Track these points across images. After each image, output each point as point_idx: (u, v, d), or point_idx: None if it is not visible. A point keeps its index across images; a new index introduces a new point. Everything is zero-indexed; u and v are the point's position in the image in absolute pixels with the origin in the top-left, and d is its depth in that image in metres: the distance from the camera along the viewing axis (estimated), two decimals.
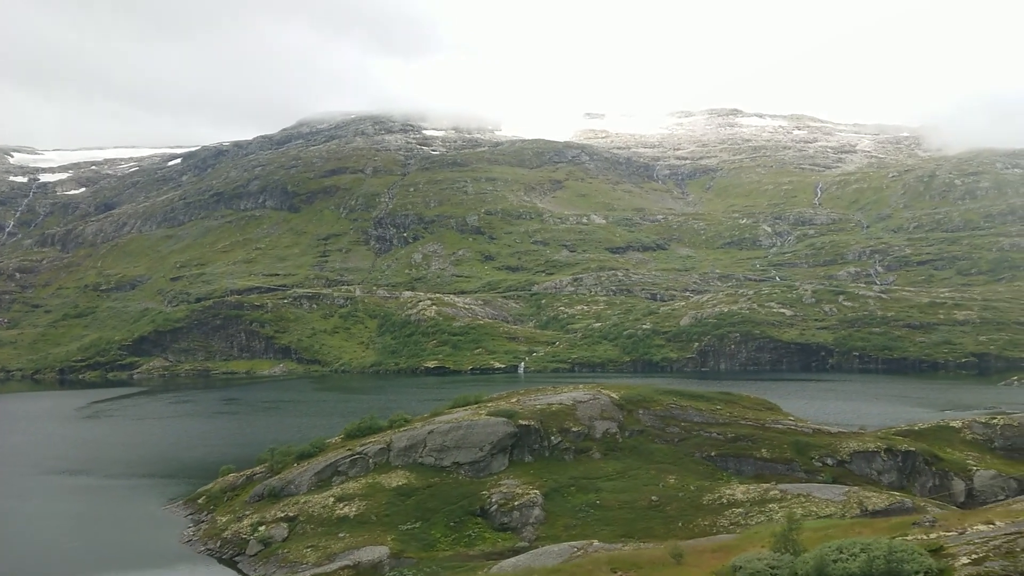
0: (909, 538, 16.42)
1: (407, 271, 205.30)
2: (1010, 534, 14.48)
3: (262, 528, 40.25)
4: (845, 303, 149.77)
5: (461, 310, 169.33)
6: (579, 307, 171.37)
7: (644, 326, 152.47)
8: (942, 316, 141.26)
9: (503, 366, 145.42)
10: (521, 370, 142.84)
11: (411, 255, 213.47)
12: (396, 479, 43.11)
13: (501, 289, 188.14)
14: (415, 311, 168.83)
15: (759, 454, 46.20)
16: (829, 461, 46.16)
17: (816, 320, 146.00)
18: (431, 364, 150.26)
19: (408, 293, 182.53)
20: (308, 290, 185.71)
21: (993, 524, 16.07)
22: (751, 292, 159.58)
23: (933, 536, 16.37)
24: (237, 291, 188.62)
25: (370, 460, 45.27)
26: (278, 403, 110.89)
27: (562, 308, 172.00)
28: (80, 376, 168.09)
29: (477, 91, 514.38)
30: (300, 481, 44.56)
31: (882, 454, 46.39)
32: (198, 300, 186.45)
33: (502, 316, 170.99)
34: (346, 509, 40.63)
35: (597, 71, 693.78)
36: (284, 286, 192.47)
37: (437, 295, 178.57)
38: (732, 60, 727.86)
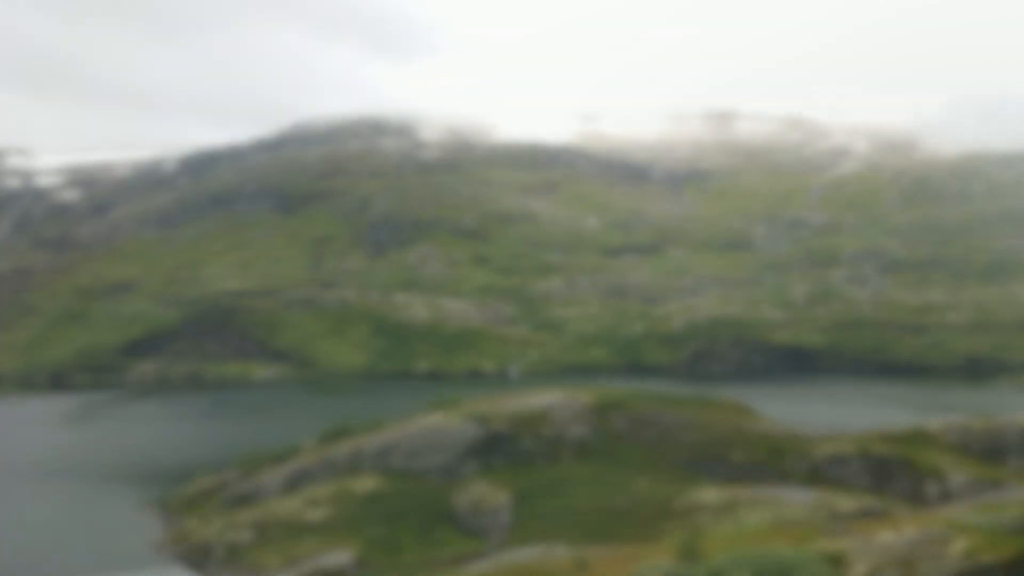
0: (818, 546, 16.37)
1: (401, 274, 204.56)
2: (913, 542, 14.43)
3: (229, 533, 40.08)
4: (838, 306, 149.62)
5: (454, 313, 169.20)
6: (572, 310, 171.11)
7: (637, 329, 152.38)
8: (934, 319, 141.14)
9: (495, 369, 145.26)
10: (513, 373, 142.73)
11: (405, 258, 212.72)
12: (366, 483, 42.94)
13: (495, 292, 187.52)
14: (408, 314, 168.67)
15: (732, 458, 46.09)
16: (803, 465, 46.06)
17: (809, 323, 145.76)
18: (423, 367, 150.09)
19: (402, 296, 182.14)
20: (302, 293, 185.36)
21: (899, 531, 15.96)
22: (744, 295, 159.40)
23: (838, 544, 16.29)
24: (231, 294, 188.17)
25: (340, 464, 45.13)
26: (267, 406, 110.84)
27: (555, 311, 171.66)
28: (73, 379, 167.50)
29: (472, 94, 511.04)
30: (270, 486, 44.44)
31: (856, 458, 46.29)
32: (192, 303, 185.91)
33: (495, 319, 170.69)
34: (314, 514, 40.49)
35: (592, 74, 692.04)
36: (278, 289, 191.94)
37: (431, 298, 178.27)
38: (727, 62, 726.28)
